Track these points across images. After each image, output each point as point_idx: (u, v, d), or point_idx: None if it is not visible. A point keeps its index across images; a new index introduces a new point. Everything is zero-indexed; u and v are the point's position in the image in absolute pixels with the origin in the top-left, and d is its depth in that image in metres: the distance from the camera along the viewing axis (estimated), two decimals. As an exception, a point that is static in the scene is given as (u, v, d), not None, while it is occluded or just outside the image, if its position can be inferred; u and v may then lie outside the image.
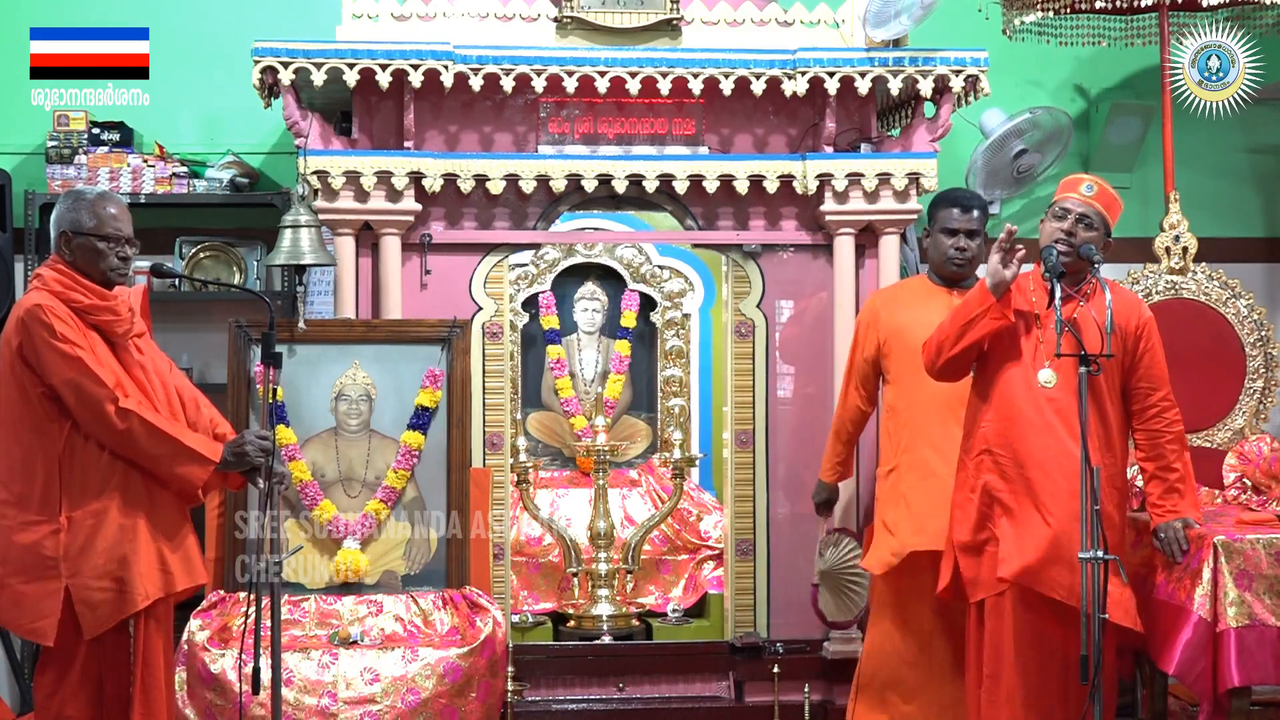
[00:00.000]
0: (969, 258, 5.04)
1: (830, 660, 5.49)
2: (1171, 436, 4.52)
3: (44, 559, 4.07)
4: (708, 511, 6.06)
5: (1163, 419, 4.52)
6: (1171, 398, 4.54)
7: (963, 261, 5.04)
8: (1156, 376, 4.53)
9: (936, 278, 5.11)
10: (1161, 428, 4.52)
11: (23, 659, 5.83)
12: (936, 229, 5.08)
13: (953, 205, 5.07)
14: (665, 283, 6.36)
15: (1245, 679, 4.45)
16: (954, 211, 5.05)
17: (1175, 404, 4.55)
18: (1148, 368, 4.52)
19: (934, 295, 5.04)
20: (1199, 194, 6.28)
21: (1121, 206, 4.60)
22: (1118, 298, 4.54)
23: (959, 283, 5.04)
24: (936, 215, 5.09)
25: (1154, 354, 4.54)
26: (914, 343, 4.90)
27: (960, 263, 5.03)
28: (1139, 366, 4.52)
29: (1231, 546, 4.50)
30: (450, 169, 5.39)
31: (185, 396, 4.37)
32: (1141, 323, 4.54)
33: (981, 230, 5.07)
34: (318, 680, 4.62)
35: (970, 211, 5.05)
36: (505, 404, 5.54)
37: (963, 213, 5.04)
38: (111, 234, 4.19)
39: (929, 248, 5.14)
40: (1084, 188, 4.53)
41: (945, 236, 5.05)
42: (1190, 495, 4.56)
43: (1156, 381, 4.53)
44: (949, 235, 5.04)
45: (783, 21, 5.54)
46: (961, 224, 5.03)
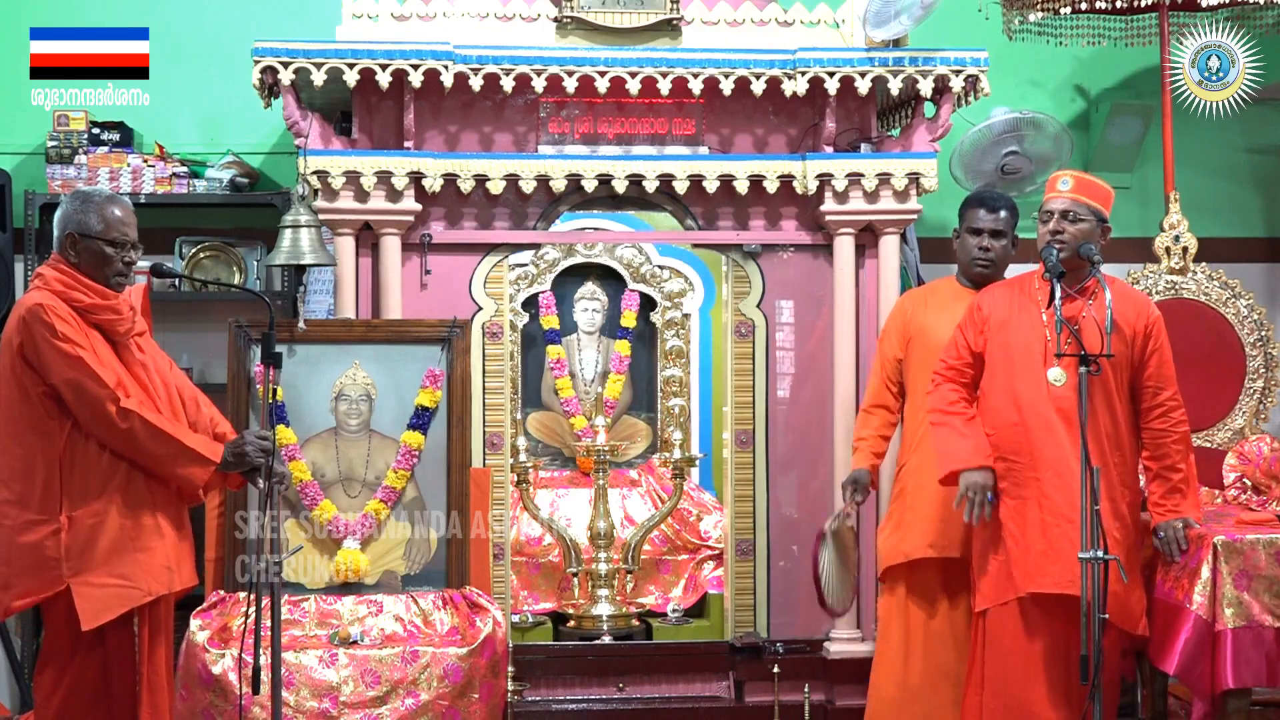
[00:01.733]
0: (993, 258, 5.01)
1: (830, 660, 5.48)
2: (1176, 436, 4.53)
3: (46, 559, 4.07)
4: (708, 511, 6.05)
5: (1168, 419, 4.52)
6: (1178, 398, 4.55)
7: (986, 262, 5.01)
8: (1164, 376, 4.54)
9: (964, 279, 5.10)
10: (1167, 427, 4.52)
11: (23, 659, 5.83)
12: (964, 229, 5.06)
13: (979, 205, 5.05)
14: (665, 283, 6.36)
15: (1240, 680, 4.45)
16: (980, 212, 5.03)
17: (1182, 404, 4.56)
18: (1156, 367, 4.53)
19: (960, 297, 5.02)
20: (1199, 194, 6.28)
21: (1108, 191, 4.61)
22: (1124, 297, 4.56)
23: (983, 284, 5.02)
24: (964, 215, 5.07)
25: (1162, 354, 4.55)
26: (934, 343, 4.92)
27: (984, 263, 5.01)
28: (1147, 365, 4.53)
29: (1231, 546, 4.51)
30: (450, 169, 5.39)
31: (186, 396, 4.38)
32: (1150, 322, 4.55)
33: (1009, 231, 5.04)
34: (318, 681, 4.62)
35: (997, 212, 5.02)
36: (505, 404, 5.54)
37: (989, 213, 5.02)
38: (118, 238, 4.19)
39: (957, 248, 5.13)
40: (1060, 184, 4.59)
41: (971, 236, 5.03)
42: (1192, 496, 4.57)
43: (1163, 381, 4.54)
44: (974, 235, 5.02)
45: (783, 21, 5.54)
46: (987, 224, 5.01)
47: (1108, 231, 4.59)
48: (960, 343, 4.71)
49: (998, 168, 6.09)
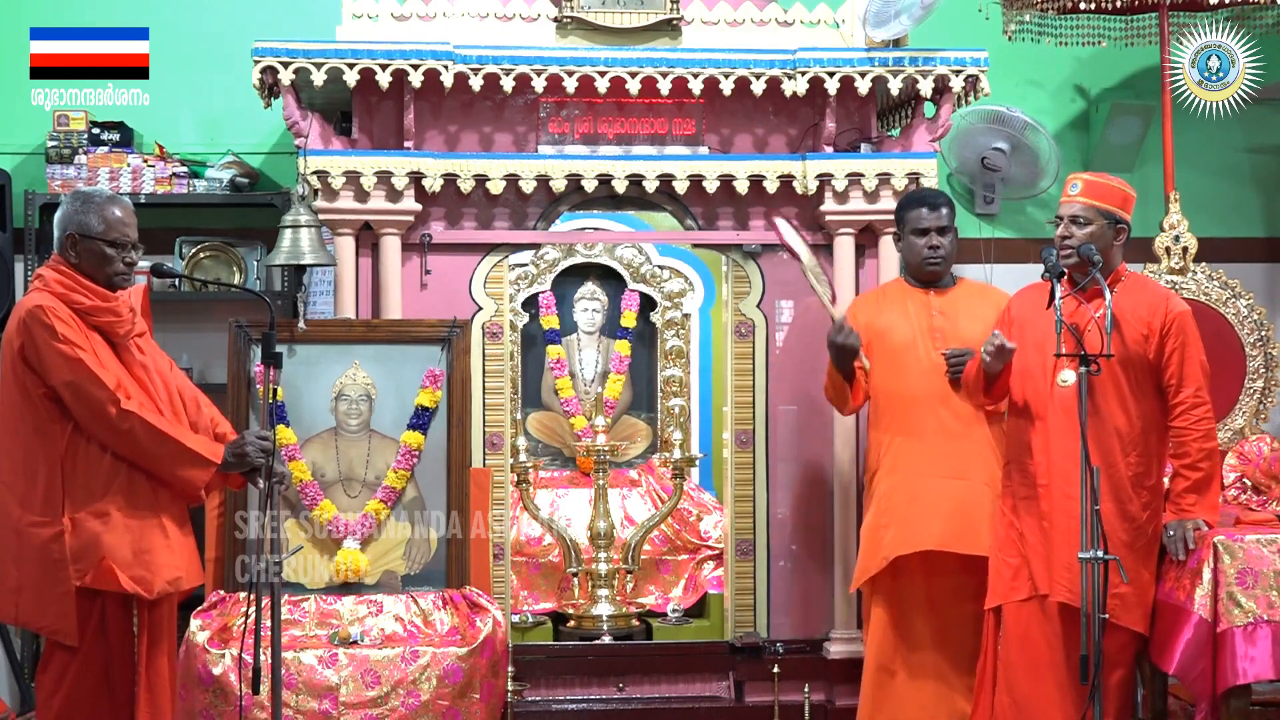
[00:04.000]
0: (943, 255, 5.04)
1: (830, 660, 5.48)
2: (1197, 435, 4.49)
3: (54, 562, 4.07)
4: (708, 511, 6.06)
5: (1189, 416, 4.49)
6: (1202, 395, 4.51)
7: (937, 260, 5.04)
8: (1185, 374, 4.50)
9: (914, 280, 5.12)
10: (1187, 425, 4.50)
11: (23, 659, 5.83)
12: (907, 231, 5.07)
13: (920, 205, 5.06)
14: (665, 283, 6.36)
15: (1244, 678, 4.45)
16: (923, 211, 5.04)
17: (1206, 402, 4.51)
18: (1177, 365, 4.50)
19: (911, 296, 5.07)
20: (1199, 194, 6.28)
21: (1127, 193, 4.60)
22: (1141, 294, 4.55)
23: (935, 282, 5.06)
24: (905, 218, 5.08)
25: (1184, 351, 4.51)
26: (895, 345, 4.96)
27: (935, 260, 5.03)
28: (1169, 363, 4.50)
29: (1231, 546, 4.50)
30: (450, 169, 5.39)
31: (186, 396, 4.37)
32: (1169, 319, 4.52)
33: (952, 226, 5.07)
34: (318, 681, 4.62)
35: (939, 209, 5.04)
36: (505, 404, 5.54)
37: (931, 211, 5.04)
38: (119, 239, 4.19)
39: (902, 250, 5.14)
40: (1070, 188, 4.61)
41: (917, 237, 5.04)
42: (1209, 497, 4.53)
43: (1185, 379, 4.50)
44: (920, 235, 5.04)
45: (783, 21, 5.54)
46: (932, 222, 5.03)
47: (1122, 231, 4.58)
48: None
49: (979, 157, 6.10)
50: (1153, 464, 4.54)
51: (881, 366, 5.01)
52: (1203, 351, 4.56)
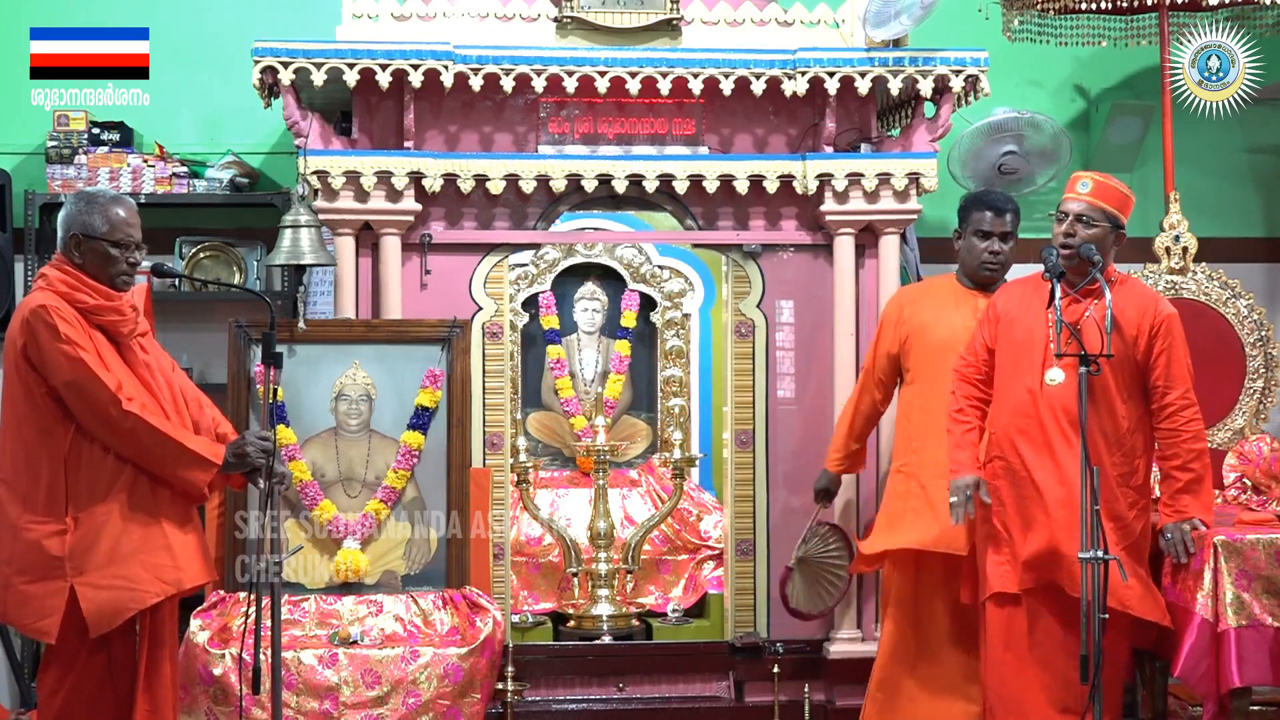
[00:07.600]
0: (1002, 261, 5.03)
1: (831, 660, 5.49)
2: (1186, 437, 4.48)
3: (49, 558, 4.07)
4: (708, 511, 6.05)
5: (1178, 418, 4.48)
6: (1190, 397, 4.50)
7: (996, 265, 5.02)
8: (1173, 376, 4.49)
9: (967, 281, 5.10)
10: (1177, 426, 4.49)
11: (23, 659, 5.83)
12: (969, 231, 5.05)
13: (986, 208, 5.04)
14: (665, 283, 6.36)
15: (1244, 679, 4.45)
16: (987, 215, 5.02)
17: (1194, 404, 4.51)
18: (1164, 367, 4.49)
19: (961, 298, 5.04)
20: (1199, 194, 6.28)
21: (1129, 197, 4.59)
22: (1131, 296, 4.54)
23: (989, 286, 5.02)
24: (969, 218, 5.06)
25: (1171, 353, 4.49)
26: (935, 343, 4.93)
27: (994, 266, 5.02)
28: (1155, 366, 4.49)
29: (1231, 546, 4.50)
30: (450, 169, 5.39)
31: (188, 396, 4.38)
32: (1157, 321, 4.50)
33: (1014, 233, 5.06)
34: (318, 681, 4.62)
35: (1003, 215, 5.03)
36: (505, 404, 5.54)
37: (996, 216, 5.02)
38: (123, 239, 4.19)
39: (960, 250, 5.12)
40: (1080, 185, 4.56)
41: (979, 240, 5.03)
42: (1203, 497, 4.52)
43: (1172, 381, 4.49)
44: (983, 239, 5.02)
45: (783, 21, 5.54)
46: (995, 227, 5.01)
47: (1122, 238, 4.57)
48: (978, 340, 4.72)
49: (995, 167, 6.10)
50: (1138, 464, 4.54)
51: (918, 363, 5.01)
52: (1188, 354, 4.56)
